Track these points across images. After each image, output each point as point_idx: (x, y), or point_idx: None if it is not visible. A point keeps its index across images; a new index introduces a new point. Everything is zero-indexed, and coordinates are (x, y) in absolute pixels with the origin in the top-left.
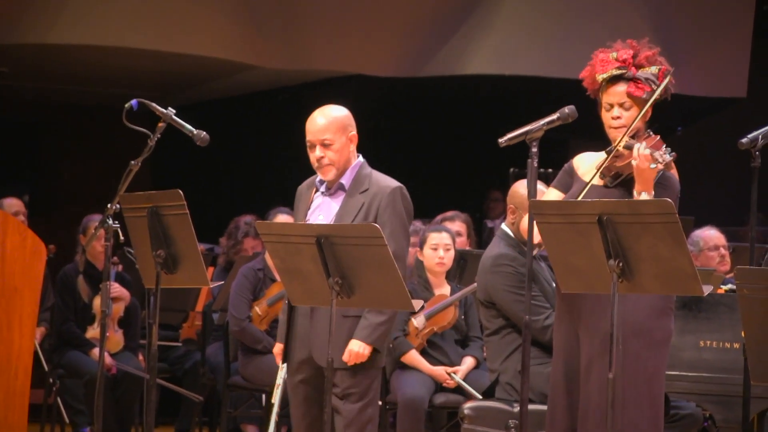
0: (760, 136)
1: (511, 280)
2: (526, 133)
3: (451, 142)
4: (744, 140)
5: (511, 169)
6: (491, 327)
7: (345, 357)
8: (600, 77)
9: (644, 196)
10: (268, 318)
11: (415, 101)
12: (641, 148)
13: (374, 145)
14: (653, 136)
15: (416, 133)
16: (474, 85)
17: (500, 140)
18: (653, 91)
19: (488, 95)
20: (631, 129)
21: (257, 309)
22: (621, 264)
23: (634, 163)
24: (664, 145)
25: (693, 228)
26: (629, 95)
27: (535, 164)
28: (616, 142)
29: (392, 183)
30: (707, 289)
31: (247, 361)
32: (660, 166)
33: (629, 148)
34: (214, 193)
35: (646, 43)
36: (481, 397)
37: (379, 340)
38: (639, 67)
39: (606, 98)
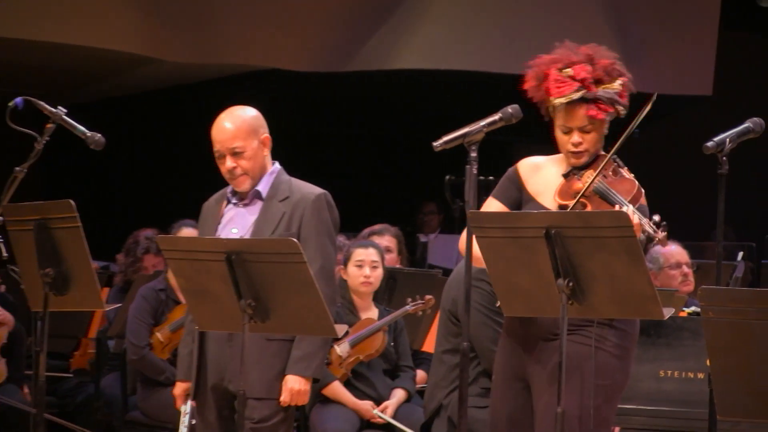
0: (728, 139)
1: (487, 301)
2: (464, 135)
3: (380, 146)
4: (709, 144)
5: (447, 177)
6: (448, 345)
7: (284, 397)
8: (557, 101)
9: None
10: (171, 345)
11: (338, 100)
12: (631, 216)
13: (292, 149)
14: (623, 172)
15: (340, 136)
16: (405, 81)
17: (435, 144)
18: (616, 111)
19: (421, 93)
20: (590, 152)
21: (158, 335)
22: (571, 284)
23: None
24: (642, 192)
25: None
26: (590, 119)
27: (475, 171)
28: (584, 178)
29: (316, 190)
30: (668, 312)
31: (148, 394)
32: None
33: (602, 195)
34: (111, 204)
35: (601, 50)
36: None
37: (319, 370)
38: (598, 82)
39: (563, 121)
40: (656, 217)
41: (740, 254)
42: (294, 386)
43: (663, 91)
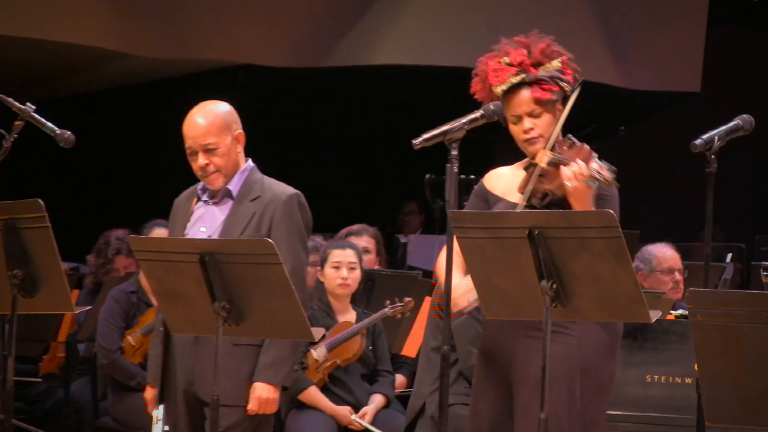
0: (717, 137)
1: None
2: (445, 133)
3: (358, 143)
4: (697, 142)
5: (427, 176)
6: (436, 343)
7: (251, 406)
8: (497, 90)
9: None
10: (143, 349)
11: (315, 96)
12: (574, 167)
13: (267, 147)
14: (578, 144)
15: (316, 133)
16: (383, 77)
17: (414, 141)
18: (562, 90)
19: (400, 89)
20: (550, 140)
21: (130, 339)
22: (555, 286)
23: (568, 184)
24: (596, 156)
25: (638, 244)
26: (536, 101)
27: (455, 170)
28: (537, 158)
29: (288, 190)
30: (655, 315)
31: (118, 400)
32: (595, 186)
33: (555, 164)
34: (81, 203)
35: (535, 35)
36: None
37: (288, 378)
38: (537, 65)
39: (510, 111)
40: (605, 164)
41: (729, 255)
42: (262, 394)
43: (650, 87)
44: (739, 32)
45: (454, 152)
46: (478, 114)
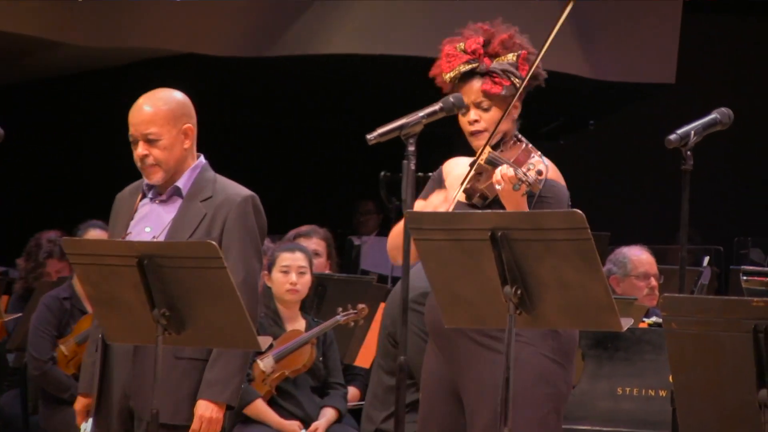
0: (693, 132)
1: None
2: (402, 127)
3: (309, 138)
4: (672, 137)
5: (382, 173)
6: (387, 367)
7: (194, 425)
8: (447, 76)
9: None
10: (77, 360)
11: (262, 87)
12: (503, 169)
13: (209, 142)
14: (521, 143)
15: (263, 127)
16: (336, 67)
17: (369, 136)
18: (513, 85)
19: (354, 80)
20: (492, 136)
21: (63, 348)
22: (519, 291)
23: (497, 187)
24: (536, 155)
25: (609, 246)
26: (485, 93)
27: (413, 167)
28: (477, 154)
29: (243, 191)
30: (626, 323)
31: (51, 413)
32: (524, 188)
33: (492, 164)
34: (10, 203)
35: (500, 24)
36: None
37: (235, 396)
38: (493, 56)
39: None
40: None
41: (706, 259)
42: (205, 413)
43: (621, 78)
44: (717, 19)
45: (411, 148)
46: (436, 107)
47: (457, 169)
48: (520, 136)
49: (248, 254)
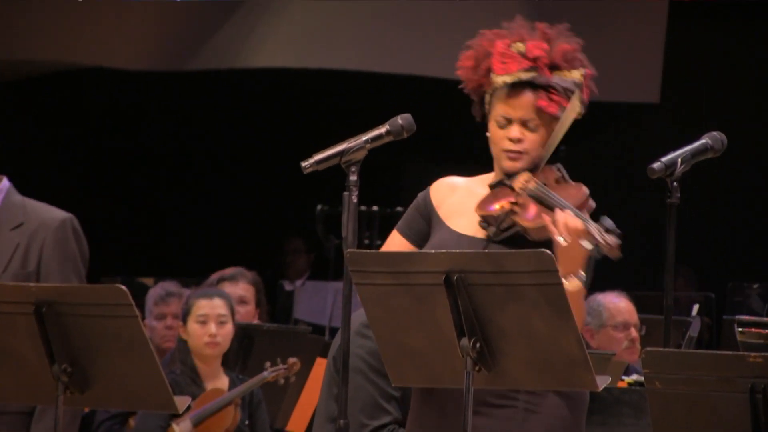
0: (680, 160)
1: (375, 357)
2: (342, 153)
3: (232, 165)
4: (656, 165)
5: (319, 207)
6: (331, 413)
7: None
8: (499, 79)
9: (575, 283)
10: None
11: (177, 106)
12: (568, 218)
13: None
14: (571, 182)
15: (179, 152)
16: (264, 83)
17: (304, 164)
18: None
19: (286, 99)
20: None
21: None
22: (479, 345)
23: (558, 239)
24: (593, 203)
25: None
26: (538, 111)
27: (355, 199)
28: (516, 181)
29: (58, 214)
30: (603, 382)
31: None
32: (592, 250)
33: (537, 199)
34: None
35: (563, 31)
36: None
37: None
38: (554, 68)
39: (502, 109)
40: (607, 222)
41: (695, 307)
42: None
43: (596, 98)
44: (707, 30)
45: (354, 177)
46: (383, 130)
47: (455, 195)
48: (561, 167)
49: (69, 283)
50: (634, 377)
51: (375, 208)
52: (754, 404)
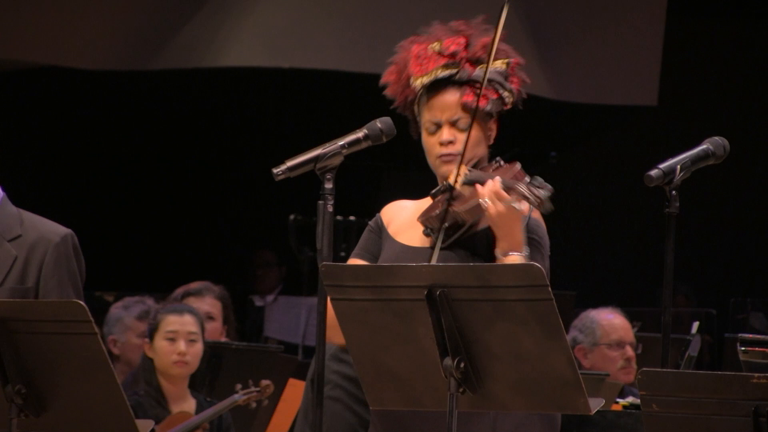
0: (679, 167)
1: (353, 383)
2: (316, 159)
3: (198, 171)
4: (654, 173)
5: (292, 216)
6: None
7: None
8: (417, 81)
9: (514, 258)
10: None
11: (141, 107)
12: (493, 183)
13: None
14: (505, 165)
15: (143, 157)
16: (234, 83)
17: (276, 170)
18: (500, 99)
19: (257, 100)
20: (465, 156)
21: None
22: (463, 365)
23: (486, 203)
24: (528, 178)
25: (574, 308)
26: (465, 107)
27: (330, 208)
28: (451, 177)
29: (58, 229)
30: (596, 404)
31: None
32: (525, 208)
33: (472, 183)
34: None
35: (480, 25)
36: None
37: None
38: (477, 62)
39: (429, 114)
40: (537, 180)
41: (695, 325)
42: None
43: (591, 100)
44: (707, 30)
45: (329, 185)
46: (360, 134)
47: (403, 213)
48: (499, 159)
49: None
50: (630, 399)
51: (352, 218)
52: (757, 428)
